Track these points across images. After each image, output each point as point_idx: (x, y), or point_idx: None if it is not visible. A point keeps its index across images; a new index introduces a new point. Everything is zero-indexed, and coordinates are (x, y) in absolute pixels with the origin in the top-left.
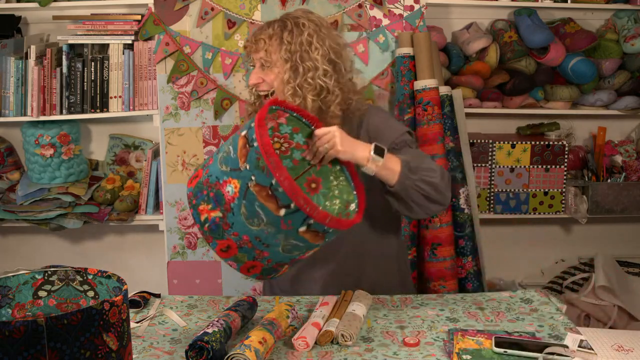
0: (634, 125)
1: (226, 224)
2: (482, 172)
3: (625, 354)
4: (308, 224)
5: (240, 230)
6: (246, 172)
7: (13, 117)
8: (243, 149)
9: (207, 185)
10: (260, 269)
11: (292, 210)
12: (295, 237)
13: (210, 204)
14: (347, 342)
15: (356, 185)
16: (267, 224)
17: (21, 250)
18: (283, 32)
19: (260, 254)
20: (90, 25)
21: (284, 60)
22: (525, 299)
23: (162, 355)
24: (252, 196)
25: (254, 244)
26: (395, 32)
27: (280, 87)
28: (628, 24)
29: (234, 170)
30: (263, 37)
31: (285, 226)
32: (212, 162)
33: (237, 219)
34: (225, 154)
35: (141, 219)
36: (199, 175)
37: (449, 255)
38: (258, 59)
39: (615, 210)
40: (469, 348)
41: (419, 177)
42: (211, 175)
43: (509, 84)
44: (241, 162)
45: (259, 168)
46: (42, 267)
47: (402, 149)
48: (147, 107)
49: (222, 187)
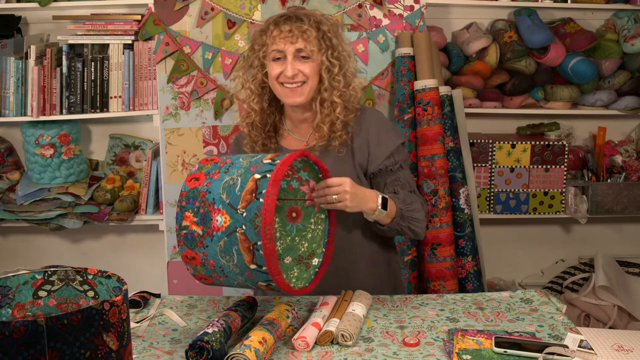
0: (634, 125)
1: (202, 242)
2: (482, 172)
3: (625, 354)
4: (269, 283)
5: (210, 255)
6: (240, 218)
7: (13, 117)
8: (248, 195)
9: (202, 198)
10: (210, 283)
11: (262, 270)
12: (252, 284)
13: (196, 218)
14: (347, 342)
15: (328, 243)
16: (235, 265)
17: (21, 250)
18: (320, 25)
19: (217, 277)
20: (90, 25)
21: (320, 53)
22: (525, 299)
23: (162, 355)
24: (234, 239)
25: (215, 269)
26: (395, 32)
27: (314, 79)
28: (628, 24)
29: (231, 207)
30: (304, 27)
31: (249, 275)
32: (217, 177)
33: (213, 247)
34: (231, 183)
35: (141, 219)
36: (200, 181)
37: (449, 255)
38: (293, 50)
39: (615, 210)
40: (469, 348)
41: (407, 225)
42: (210, 192)
43: (509, 84)
44: (241, 205)
45: (253, 223)
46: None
47: (396, 172)
48: (147, 107)
49: (213, 212)
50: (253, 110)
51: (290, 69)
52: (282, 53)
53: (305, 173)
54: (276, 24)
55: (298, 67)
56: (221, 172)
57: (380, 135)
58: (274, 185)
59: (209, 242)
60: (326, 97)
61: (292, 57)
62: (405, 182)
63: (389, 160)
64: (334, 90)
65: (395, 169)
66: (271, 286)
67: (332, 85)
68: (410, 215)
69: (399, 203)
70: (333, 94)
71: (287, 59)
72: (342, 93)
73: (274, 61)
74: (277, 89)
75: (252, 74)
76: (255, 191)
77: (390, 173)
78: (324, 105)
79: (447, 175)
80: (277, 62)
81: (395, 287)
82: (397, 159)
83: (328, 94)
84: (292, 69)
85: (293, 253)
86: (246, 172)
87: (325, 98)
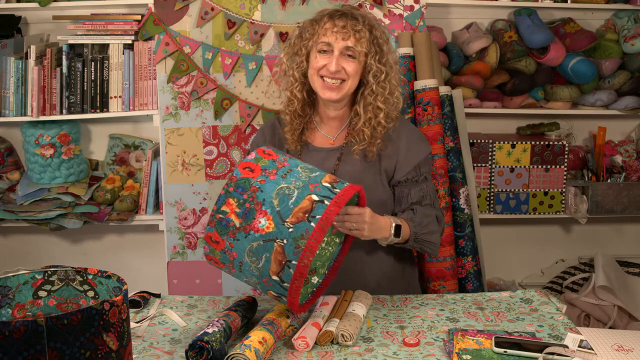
0: (634, 125)
1: (234, 234)
2: (482, 172)
3: (625, 354)
4: (280, 296)
5: (237, 249)
6: (285, 232)
7: (13, 117)
8: (301, 213)
9: (251, 193)
10: (218, 267)
11: (282, 284)
12: (262, 288)
13: (239, 209)
14: (347, 342)
15: (333, 268)
16: (257, 269)
17: (21, 250)
18: (373, 29)
19: (230, 267)
20: (90, 25)
21: (368, 56)
22: (525, 299)
23: (162, 355)
24: (270, 247)
25: (234, 262)
26: (395, 32)
27: (354, 79)
28: (628, 24)
29: (280, 217)
30: (359, 27)
31: (266, 282)
32: (273, 178)
33: (244, 243)
34: (286, 192)
35: (141, 219)
36: (255, 173)
37: (449, 255)
38: (342, 47)
39: (615, 210)
40: (469, 348)
41: (420, 246)
42: (262, 191)
43: (509, 84)
44: (290, 219)
45: (296, 242)
46: (42, 267)
47: (420, 184)
48: (147, 107)
49: (259, 213)
50: (296, 98)
51: (334, 64)
52: (330, 47)
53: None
54: (331, 16)
55: (342, 64)
56: (278, 174)
57: (410, 145)
58: (329, 217)
59: (242, 237)
60: (371, 101)
61: (339, 53)
62: (426, 195)
63: (414, 171)
64: (379, 96)
65: (420, 180)
66: (280, 298)
67: (377, 91)
68: (424, 239)
69: (413, 227)
70: (377, 99)
71: (334, 53)
72: (386, 99)
73: (319, 53)
74: (315, 81)
75: (296, 61)
76: (309, 213)
77: (415, 184)
78: (367, 109)
79: (447, 175)
80: (322, 55)
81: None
82: (423, 171)
83: (373, 99)
84: (337, 64)
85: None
86: (304, 188)
87: (370, 102)
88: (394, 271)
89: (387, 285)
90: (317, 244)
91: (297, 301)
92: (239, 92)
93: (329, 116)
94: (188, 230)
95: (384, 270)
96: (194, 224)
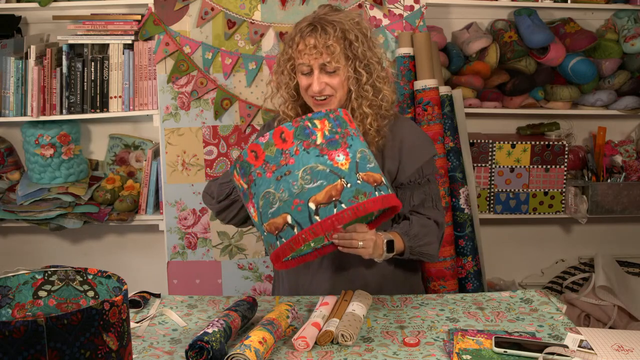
0: (634, 125)
1: (309, 144)
2: (482, 172)
3: (625, 354)
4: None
5: (299, 160)
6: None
7: (13, 117)
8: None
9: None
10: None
11: (311, 217)
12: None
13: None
14: (347, 342)
15: (318, 252)
16: (300, 187)
17: (21, 250)
18: (345, 34)
19: (263, 170)
20: (90, 25)
21: (346, 66)
22: (525, 299)
23: (162, 355)
24: (332, 179)
25: (280, 168)
26: (395, 32)
27: (342, 91)
28: (628, 24)
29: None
30: (329, 42)
31: (294, 206)
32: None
33: (310, 159)
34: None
35: (141, 219)
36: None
37: (449, 255)
38: (318, 65)
39: (615, 210)
40: (469, 348)
41: (417, 257)
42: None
43: (509, 84)
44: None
45: (358, 192)
46: (42, 267)
47: (424, 186)
48: (147, 107)
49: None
50: (288, 116)
51: (316, 84)
52: (309, 67)
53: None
54: (302, 35)
55: (325, 81)
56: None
57: (413, 146)
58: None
59: (313, 153)
60: (355, 107)
61: (318, 71)
62: (429, 197)
63: (417, 174)
64: (363, 100)
65: (423, 182)
66: (281, 232)
67: (361, 95)
68: (420, 251)
69: (408, 240)
70: (362, 104)
71: (314, 73)
72: (371, 102)
73: (302, 74)
74: (307, 99)
75: (284, 81)
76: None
77: (418, 186)
78: (354, 115)
79: (447, 175)
80: (305, 75)
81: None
82: (426, 172)
83: (357, 104)
84: (319, 83)
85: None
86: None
87: (355, 108)
88: (397, 272)
89: (389, 287)
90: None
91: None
92: (239, 92)
93: None
94: (188, 230)
95: (385, 271)
96: (194, 224)
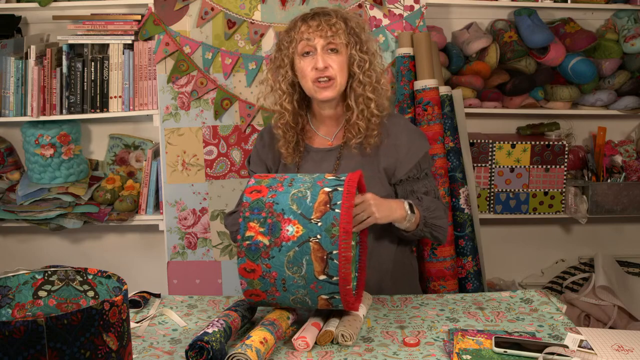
0: (634, 125)
1: (267, 253)
2: (482, 172)
3: (625, 354)
4: (332, 296)
5: (275, 267)
6: (315, 228)
7: (13, 117)
8: (322, 205)
9: (268, 209)
10: (260, 301)
11: (331, 280)
12: (312, 299)
13: (263, 228)
14: (347, 342)
15: (361, 268)
16: (302, 277)
17: (21, 250)
18: (347, 21)
19: (273, 292)
20: (90, 25)
21: (348, 48)
22: (525, 299)
23: (162, 355)
24: (307, 249)
25: (276, 282)
26: (395, 32)
27: (343, 74)
28: (628, 24)
29: (304, 217)
30: (333, 21)
31: (314, 288)
32: (282, 190)
33: (279, 257)
34: (300, 195)
35: (141, 219)
36: (262, 193)
37: (449, 255)
38: (323, 43)
39: (615, 210)
40: (469, 348)
41: (429, 230)
42: (277, 203)
43: (509, 84)
44: (315, 215)
45: (329, 232)
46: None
47: (422, 180)
48: (147, 107)
49: (283, 223)
50: (286, 110)
51: (320, 61)
52: (312, 46)
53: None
54: (304, 20)
55: (328, 61)
56: (285, 185)
57: (410, 142)
58: (349, 198)
59: (276, 252)
60: (360, 92)
61: (322, 49)
62: (430, 190)
63: (415, 169)
64: (367, 86)
65: (422, 176)
66: (332, 301)
67: (365, 81)
68: (433, 223)
69: (422, 210)
70: (366, 89)
71: (317, 51)
72: (374, 88)
73: (303, 56)
74: (308, 85)
75: (281, 73)
76: (330, 202)
77: (416, 181)
78: (358, 100)
79: (447, 175)
80: (306, 58)
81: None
82: (423, 167)
83: (362, 89)
84: (323, 61)
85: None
86: (314, 186)
87: (360, 93)
88: (395, 271)
89: (388, 285)
90: (349, 225)
91: (351, 289)
92: (239, 92)
93: (325, 116)
94: (188, 230)
95: (385, 269)
96: (194, 224)
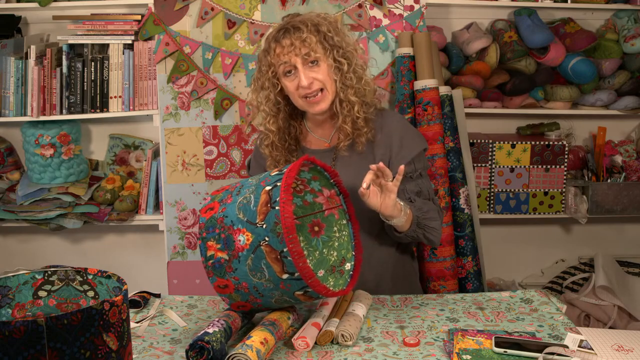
0: (634, 125)
1: (230, 267)
2: (482, 172)
3: (625, 354)
4: (305, 290)
5: (242, 277)
6: (261, 231)
7: (13, 117)
8: (264, 207)
9: (220, 224)
10: (249, 309)
11: (294, 276)
12: (289, 297)
13: (219, 244)
14: (347, 342)
15: (357, 245)
16: (268, 281)
17: (21, 250)
18: (318, 28)
19: (253, 299)
20: (90, 25)
21: (326, 56)
22: (525, 299)
23: (162, 355)
24: (261, 254)
25: (250, 291)
26: (395, 32)
27: (331, 83)
28: (628, 24)
29: (250, 223)
30: (304, 36)
31: (284, 287)
32: (230, 201)
33: (241, 268)
34: (245, 202)
35: (141, 219)
36: (215, 209)
37: (449, 255)
38: (300, 60)
39: (615, 210)
40: (469, 348)
41: (422, 232)
42: (227, 216)
43: (509, 84)
44: (259, 218)
45: (274, 232)
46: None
47: (416, 180)
48: (147, 107)
49: (234, 234)
50: (270, 131)
51: (304, 77)
52: (291, 65)
53: (316, 183)
54: (276, 40)
55: (311, 76)
56: (233, 195)
57: (403, 140)
58: (287, 191)
59: (236, 264)
60: (343, 97)
61: (302, 66)
62: (424, 190)
63: (409, 167)
64: (348, 89)
65: (415, 176)
66: (308, 293)
67: (346, 84)
68: (426, 224)
69: (415, 211)
70: (348, 92)
71: (298, 69)
72: (356, 90)
73: (286, 76)
74: (299, 103)
75: (264, 95)
76: (270, 201)
77: (410, 180)
78: (342, 105)
79: (447, 175)
80: (289, 77)
81: (411, 290)
82: (418, 167)
83: (344, 94)
84: (306, 77)
85: (324, 265)
86: (257, 188)
87: (342, 98)
88: (395, 271)
89: (388, 285)
90: (290, 220)
91: (317, 282)
92: (239, 92)
93: (319, 120)
94: (188, 230)
95: (385, 269)
96: (194, 224)
